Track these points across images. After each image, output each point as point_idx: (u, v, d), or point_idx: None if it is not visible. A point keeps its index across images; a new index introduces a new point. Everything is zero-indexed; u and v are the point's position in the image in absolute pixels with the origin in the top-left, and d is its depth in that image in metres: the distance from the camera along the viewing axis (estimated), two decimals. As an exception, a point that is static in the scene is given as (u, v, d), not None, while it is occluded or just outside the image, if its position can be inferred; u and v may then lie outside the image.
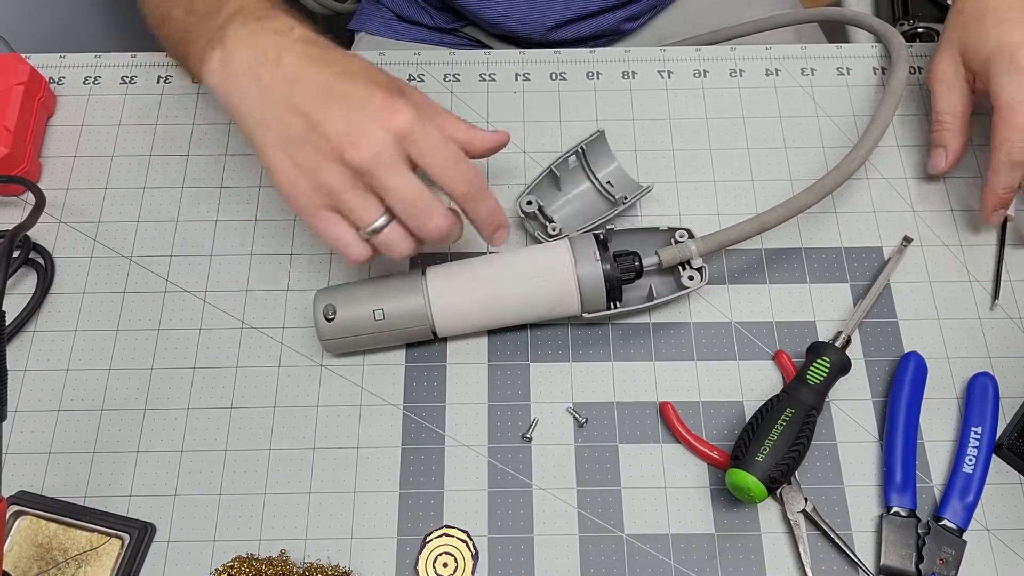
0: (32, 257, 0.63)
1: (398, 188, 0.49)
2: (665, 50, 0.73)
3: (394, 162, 0.49)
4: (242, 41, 0.51)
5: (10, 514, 0.55)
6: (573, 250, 0.57)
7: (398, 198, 0.49)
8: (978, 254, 0.64)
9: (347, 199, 0.49)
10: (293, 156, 0.50)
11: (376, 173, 0.48)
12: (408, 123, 0.49)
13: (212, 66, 0.52)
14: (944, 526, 0.55)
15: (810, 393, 0.56)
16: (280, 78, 0.50)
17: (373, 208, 0.50)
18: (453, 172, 0.50)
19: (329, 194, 0.50)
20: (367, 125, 0.48)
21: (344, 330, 0.57)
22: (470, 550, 0.55)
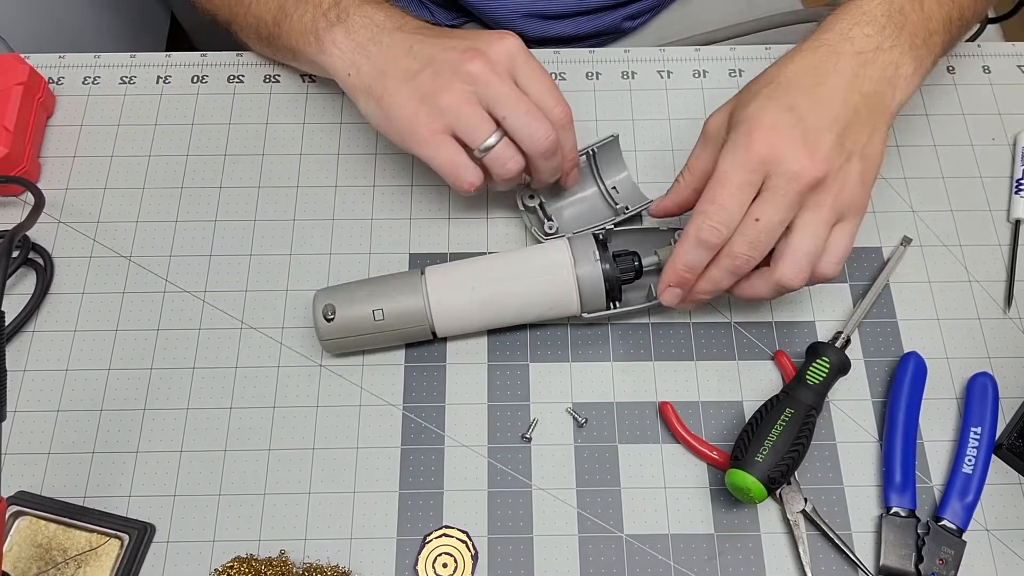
0: (31, 257, 0.63)
1: (509, 95, 0.54)
2: (664, 50, 0.73)
3: (505, 75, 0.55)
4: (366, 19, 0.59)
5: (10, 514, 0.55)
6: (572, 250, 0.57)
7: (510, 106, 0.54)
8: (978, 254, 0.64)
9: (464, 114, 0.54)
10: (413, 89, 0.55)
11: (491, 80, 0.54)
12: (517, 46, 0.56)
13: (336, 38, 0.59)
14: (944, 526, 0.55)
15: (810, 393, 0.56)
16: (399, 38, 0.57)
17: (487, 124, 0.55)
18: (554, 95, 0.56)
19: (446, 114, 0.55)
20: (482, 44, 0.55)
21: (344, 330, 0.57)
22: (470, 550, 0.55)
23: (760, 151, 0.50)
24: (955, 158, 0.68)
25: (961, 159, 0.68)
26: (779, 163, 0.49)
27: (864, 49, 0.52)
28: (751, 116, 0.51)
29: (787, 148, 0.50)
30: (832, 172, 0.50)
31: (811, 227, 0.51)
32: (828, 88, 0.51)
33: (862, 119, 0.52)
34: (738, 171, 0.50)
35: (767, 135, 0.50)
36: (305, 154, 0.68)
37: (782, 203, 0.50)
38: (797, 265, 0.51)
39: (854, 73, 0.52)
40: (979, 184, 0.67)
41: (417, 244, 0.64)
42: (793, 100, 0.51)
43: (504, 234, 0.65)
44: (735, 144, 0.51)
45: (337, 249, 0.64)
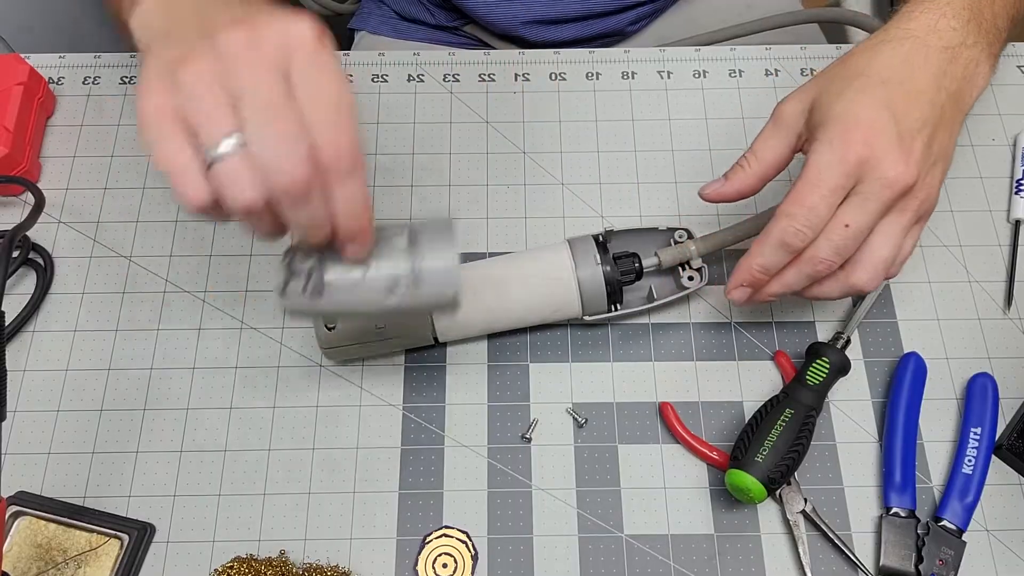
0: (31, 257, 0.63)
1: (261, 92, 0.37)
2: (664, 50, 0.73)
3: (270, 63, 0.38)
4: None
5: (9, 514, 0.55)
6: (573, 253, 0.57)
7: (258, 107, 0.37)
8: (978, 255, 0.64)
9: (199, 96, 0.38)
10: (162, 58, 0.40)
11: (244, 64, 0.38)
12: (308, 32, 0.39)
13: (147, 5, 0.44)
14: (943, 527, 0.55)
15: (809, 394, 0.56)
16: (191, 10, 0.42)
17: (225, 121, 0.37)
18: (337, 116, 0.38)
19: (180, 91, 0.38)
20: (258, 21, 0.39)
21: (346, 339, 0.57)
22: (469, 550, 0.55)
23: (860, 152, 0.47)
24: (955, 158, 0.67)
25: (961, 160, 0.68)
26: (876, 167, 0.47)
27: (951, 44, 0.50)
28: (846, 112, 0.48)
29: (886, 151, 0.47)
30: (921, 178, 0.48)
31: (893, 233, 0.49)
32: (919, 85, 0.49)
33: (946, 120, 0.50)
34: (834, 173, 0.47)
35: (866, 135, 0.47)
36: (305, 154, 0.68)
37: (874, 208, 0.48)
38: (875, 270, 0.49)
39: (942, 70, 0.50)
40: (979, 184, 0.67)
41: (417, 244, 0.64)
42: (888, 96, 0.48)
43: (504, 235, 0.65)
44: (830, 142, 0.47)
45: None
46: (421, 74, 0.71)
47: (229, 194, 0.38)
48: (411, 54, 0.72)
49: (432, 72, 0.71)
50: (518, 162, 0.67)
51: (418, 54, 0.72)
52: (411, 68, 0.72)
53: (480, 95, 0.70)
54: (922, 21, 0.51)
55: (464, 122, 0.69)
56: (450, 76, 0.71)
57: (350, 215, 0.40)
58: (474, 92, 0.71)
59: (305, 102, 0.38)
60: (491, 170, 0.67)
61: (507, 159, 0.68)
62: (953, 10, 0.51)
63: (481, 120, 0.69)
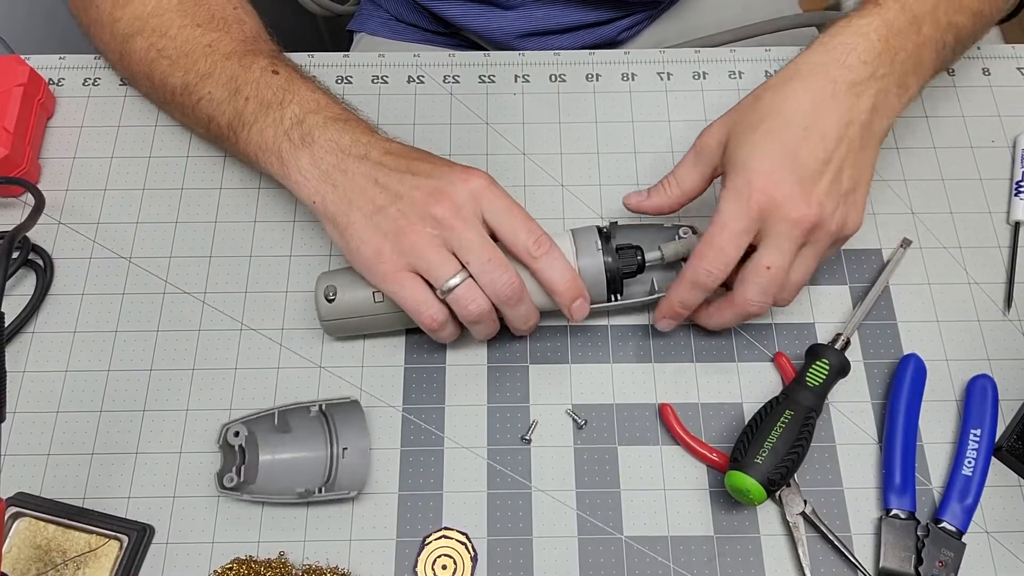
0: (31, 258, 0.63)
1: (474, 241, 0.53)
2: (664, 52, 0.73)
3: (472, 218, 0.53)
4: (331, 143, 0.56)
5: (9, 515, 0.55)
6: (575, 241, 0.57)
7: (474, 251, 0.53)
8: (977, 256, 0.64)
9: (428, 255, 0.53)
10: (377, 225, 0.53)
11: (456, 226, 0.52)
12: (485, 183, 0.54)
13: (302, 165, 0.56)
14: (943, 528, 0.55)
15: (809, 395, 0.56)
16: (366, 166, 0.55)
17: (451, 265, 0.53)
18: (526, 227, 0.54)
19: (411, 253, 0.53)
20: (448, 186, 0.53)
21: (344, 311, 0.57)
22: (469, 552, 0.55)
23: (760, 201, 0.51)
24: (955, 160, 0.68)
25: (961, 161, 0.68)
26: (778, 210, 0.51)
27: (858, 79, 0.53)
28: (749, 160, 0.52)
29: (786, 196, 0.51)
30: (828, 214, 0.52)
31: (807, 262, 0.54)
32: (824, 125, 0.52)
33: (854, 152, 0.53)
34: (739, 220, 0.52)
35: (766, 184, 0.51)
36: (305, 155, 0.68)
37: (787, 248, 0.52)
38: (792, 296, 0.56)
39: (849, 106, 0.53)
40: (979, 186, 0.67)
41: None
42: (792, 140, 0.52)
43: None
44: (736, 192, 0.52)
45: (337, 251, 0.64)
46: (421, 75, 0.71)
47: (464, 312, 0.54)
48: (411, 55, 0.72)
49: (432, 73, 0.72)
50: (518, 163, 0.67)
51: (418, 55, 0.72)
52: (411, 69, 0.72)
53: (480, 96, 0.70)
54: (833, 55, 0.54)
55: (464, 123, 0.69)
56: (450, 78, 0.71)
57: (565, 286, 0.55)
58: (474, 93, 0.71)
59: (502, 228, 0.54)
60: (491, 171, 0.66)
61: (507, 160, 0.68)
62: (867, 42, 0.53)
63: (481, 121, 0.69)
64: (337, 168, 0.55)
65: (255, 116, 0.58)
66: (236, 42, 0.62)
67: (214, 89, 0.60)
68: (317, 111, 0.57)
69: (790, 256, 0.53)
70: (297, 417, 0.57)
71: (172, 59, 0.62)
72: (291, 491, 0.54)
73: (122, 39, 0.64)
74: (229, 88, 0.59)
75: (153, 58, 0.62)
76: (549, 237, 0.54)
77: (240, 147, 0.60)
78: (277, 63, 0.60)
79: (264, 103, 0.58)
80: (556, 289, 0.55)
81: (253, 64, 0.60)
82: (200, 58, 0.61)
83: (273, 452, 0.56)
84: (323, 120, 0.57)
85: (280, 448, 0.57)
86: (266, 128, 0.57)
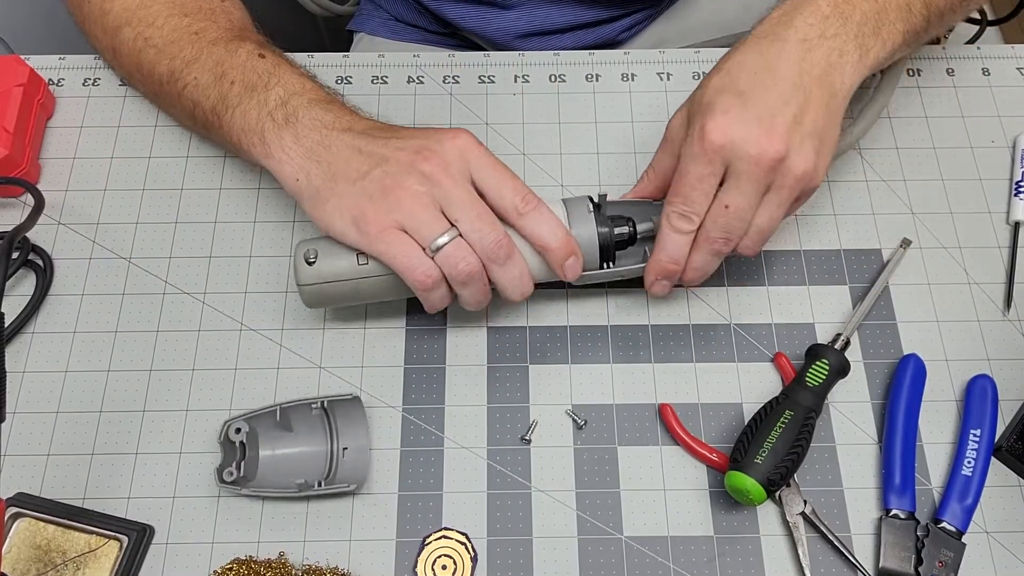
0: (31, 258, 0.63)
1: (463, 198, 0.52)
2: (664, 52, 0.73)
3: (460, 176, 0.53)
4: (315, 120, 0.56)
5: (9, 516, 0.55)
6: (567, 208, 0.56)
7: (463, 208, 0.52)
8: (977, 256, 0.64)
9: (416, 212, 0.52)
10: (363, 189, 0.53)
11: (445, 182, 0.52)
12: (472, 141, 0.54)
13: (285, 143, 0.55)
14: (943, 528, 0.55)
15: (809, 395, 0.56)
16: (349, 139, 0.55)
17: (440, 223, 0.52)
18: (512, 186, 0.53)
19: (398, 210, 0.52)
20: (435, 144, 0.53)
21: (326, 274, 0.54)
22: (469, 552, 0.55)
23: (715, 140, 0.51)
24: (954, 160, 0.68)
25: (960, 161, 0.68)
26: (737, 149, 0.51)
27: (807, 37, 0.53)
28: (704, 108, 0.52)
29: (742, 132, 0.50)
30: (793, 149, 0.51)
31: (770, 208, 0.53)
32: (777, 73, 0.52)
33: (814, 100, 0.52)
34: (696, 163, 0.52)
35: (720, 123, 0.51)
36: (305, 156, 0.68)
37: (748, 188, 0.51)
38: (752, 240, 0.54)
39: (800, 58, 0.52)
40: (978, 186, 0.67)
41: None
42: (743, 86, 0.52)
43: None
44: (691, 138, 0.52)
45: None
46: (421, 76, 0.71)
47: (453, 270, 0.52)
48: (411, 56, 0.72)
49: (432, 74, 0.72)
50: (518, 164, 0.67)
51: (418, 56, 0.72)
52: (411, 70, 0.72)
53: (480, 97, 0.70)
54: (777, 20, 0.54)
55: (464, 124, 0.69)
56: (450, 78, 0.71)
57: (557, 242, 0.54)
58: (474, 94, 0.71)
59: (489, 187, 0.53)
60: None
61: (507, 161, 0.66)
62: (812, 7, 0.53)
63: (481, 122, 0.69)
64: (320, 144, 0.55)
65: (239, 98, 0.58)
66: (223, 30, 0.62)
67: (199, 74, 0.60)
68: (302, 93, 0.57)
69: (751, 197, 0.52)
70: (298, 414, 0.57)
71: (159, 47, 0.62)
72: (291, 484, 0.54)
73: (111, 32, 0.64)
74: (215, 73, 0.59)
75: (140, 48, 0.63)
76: (537, 196, 0.54)
77: (224, 131, 0.59)
78: (264, 49, 0.60)
79: (249, 86, 0.58)
80: (547, 245, 0.53)
81: (239, 49, 0.60)
82: (186, 45, 0.61)
83: (273, 448, 0.57)
84: (307, 101, 0.56)
85: (281, 444, 0.57)
86: (250, 110, 0.57)
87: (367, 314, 0.62)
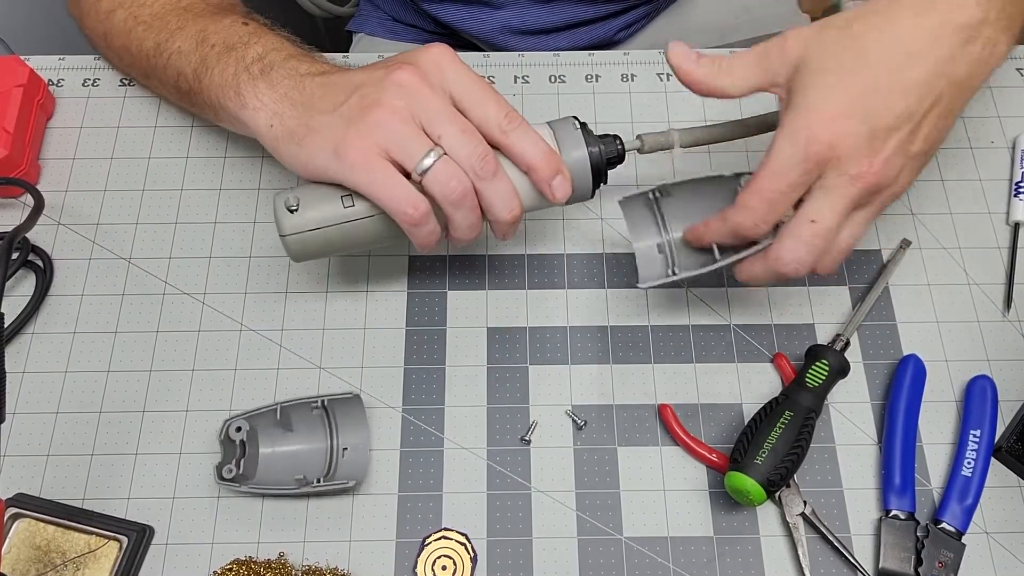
0: (31, 259, 0.63)
1: (444, 111, 0.49)
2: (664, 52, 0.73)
3: (439, 87, 0.50)
4: (290, 70, 0.54)
5: (8, 516, 0.55)
6: (554, 130, 0.53)
7: (446, 121, 0.49)
8: (977, 257, 0.64)
9: (397, 128, 0.48)
10: (340, 115, 0.50)
11: (423, 92, 0.49)
12: (449, 52, 0.51)
13: (259, 90, 0.54)
14: (943, 529, 0.55)
15: (809, 396, 0.56)
16: (323, 80, 0.53)
17: (423, 140, 0.49)
18: (493, 98, 0.50)
19: (376, 131, 0.49)
20: (409, 57, 0.51)
21: (310, 222, 0.51)
22: (469, 552, 0.55)
23: (821, 152, 0.46)
24: (954, 161, 0.68)
25: (960, 162, 0.68)
26: (839, 164, 0.46)
27: (971, 20, 0.45)
28: (817, 105, 0.46)
29: (850, 149, 0.46)
30: (891, 176, 0.47)
31: (857, 225, 0.49)
32: (915, 75, 0.45)
33: (939, 108, 0.47)
34: (795, 170, 0.46)
35: (830, 132, 0.45)
36: (305, 156, 0.68)
37: (840, 205, 0.47)
38: (835, 262, 0.50)
39: (951, 56, 0.46)
40: (978, 187, 0.67)
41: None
42: (872, 86, 0.45)
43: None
44: (795, 135, 0.46)
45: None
46: (421, 76, 0.71)
47: (443, 191, 0.49)
48: (411, 56, 0.72)
49: (432, 74, 0.71)
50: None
51: (418, 56, 0.72)
52: (411, 70, 0.72)
53: (480, 97, 0.70)
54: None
55: (464, 124, 0.69)
56: (450, 78, 0.71)
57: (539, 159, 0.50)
58: (474, 94, 0.71)
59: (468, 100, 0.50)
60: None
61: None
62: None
63: (481, 122, 0.69)
64: (295, 88, 0.53)
65: (218, 58, 0.57)
66: (212, 5, 0.63)
67: (183, 42, 0.60)
68: (280, 49, 0.56)
69: (841, 214, 0.47)
70: (299, 413, 0.57)
71: (147, 23, 0.62)
72: (290, 480, 0.54)
73: (105, 15, 0.65)
74: (196, 39, 0.59)
75: (131, 27, 0.63)
76: (513, 109, 0.50)
77: (204, 93, 0.58)
78: (248, 17, 0.60)
79: (228, 46, 0.57)
80: (533, 164, 0.50)
81: (225, 18, 0.60)
82: (172, 19, 0.61)
83: (273, 445, 0.56)
84: (285, 56, 0.55)
85: (281, 442, 0.57)
86: (227, 66, 0.56)
87: (367, 314, 0.62)
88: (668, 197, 0.56)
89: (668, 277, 0.55)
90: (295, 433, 0.57)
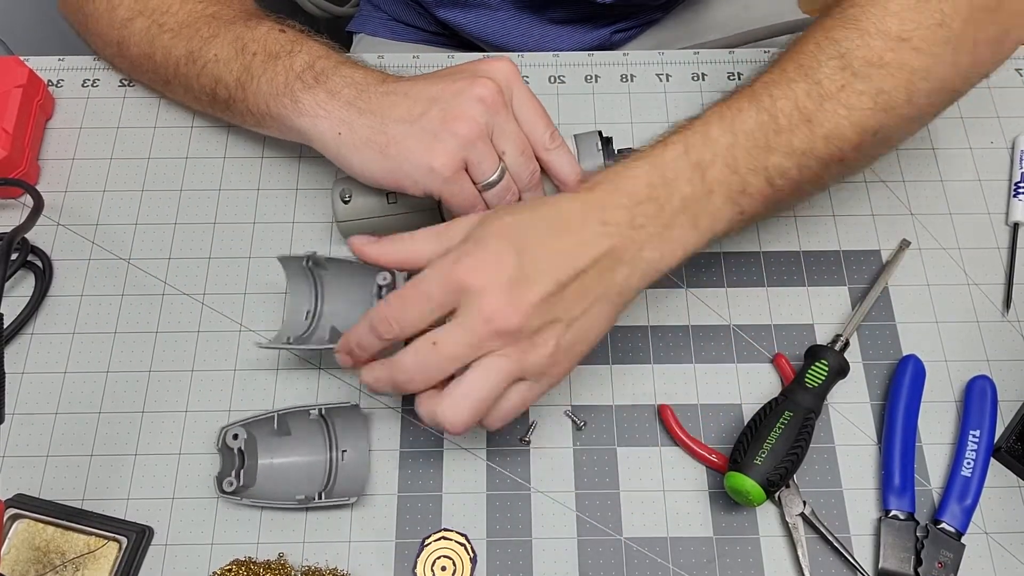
0: (30, 260, 0.63)
1: (512, 131, 0.54)
2: (663, 53, 0.73)
3: (509, 106, 0.54)
4: (346, 78, 0.56)
5: (8, 517, 0.55)
6: (577, 143, 0.58)
7: (513, 141, 0.54)
8: (976, 257, 0.64)
9: (479, 146, 0.53)
10: (423, 127, 0.53)
11: (502, 110, 0.53)
12: (514, 69, 0.55)
13: (318, 98, 0.55)
14: (942, 529, 0.55)
15: (808, 396, 0.56)
16: (388, 89, 0.55)
17: (494, 159, 0.54)
18: (544, 120, 0.56)
19: (464, 146, 0.52)
20: (483, 68, 0.54)
21: (360, 211, 0.59)
22: (468, 553, 0.55)
23: (463, 279, 0.46)
24: (953, 162, 0.68)
25: (959, 163, 0.68)
26: (476, 298, 0.45)
27: (610, 221, 0.47)
28: (480, 237, 0.47)
29: (490, 287, 0.45)
30: (526, 329, 0.45)
31: (486, 374, 0.46)
32: (562, 245, 0.47)
33: (583, 289, 0.47)
34: (434, 283, 0.46)
35: (478, 265, 0.46)
36: (304, 157, 0.68)
37: (464, 338, 0.46)
38: (456, 407, 0.46)
39: (592, 242, 0.47)
40: (977, 187, 0.67)
41: (416, 247, 0.64)
42: (535, 239, 0.47)
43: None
44: (447, 258, 0.47)
45: (336, 252, 0.64)
46: (420, 77, 0.71)
47: (498, 201, 0.55)
48: (410, 56, 0.72)
49: (431, 75, 0.71)
50: (517, 165, 0.67)
51: (417, 56, 0.72)
52: (410, 71, 0.72)
53: (479, 98, 0.70)
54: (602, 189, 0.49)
55: (463, 125, 0.69)
56: (449, 79, 0.71)
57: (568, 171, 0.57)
58: (473, 95, 0.71)
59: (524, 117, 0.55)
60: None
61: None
62: (629, 187, 0.48)
63: (480, 123, 0.69)
64: (360, 97, 0.55)
65: (263, 67, 0.58)
66: (238, 12, 0.62)
67: (220, 50, 0.60)
68: (327, 57, 0.57)
69: (462, 347, 0.46)
70: (297, 421, 0.57)
71: (174, 31, 0.62)
72: (290, 497, 0.54)
73: (121, 24, 0.64)
74: (236, 47, 0.59)
75: (155, 35, 0.63)
76: (557, 132, 0.56)
77: (249, 101, 0.59)
78: (283, 24, 0.61)
79: (272, 54, 0.58)
80: (566, 180, 0.56)
81: (259, 25, 0.60)
82: (203, 26, 0.61)
83: (272, 456, 0.56)
84: (334, 63, 0.57)
85: (279, 452, 0.57)
86: (276, 75, 0.57)
87: (366, 315, 0.62)
88: (321, 269, 0.57)
89: (286, 344, 0.56)
90: (294, 442, 0.57)
